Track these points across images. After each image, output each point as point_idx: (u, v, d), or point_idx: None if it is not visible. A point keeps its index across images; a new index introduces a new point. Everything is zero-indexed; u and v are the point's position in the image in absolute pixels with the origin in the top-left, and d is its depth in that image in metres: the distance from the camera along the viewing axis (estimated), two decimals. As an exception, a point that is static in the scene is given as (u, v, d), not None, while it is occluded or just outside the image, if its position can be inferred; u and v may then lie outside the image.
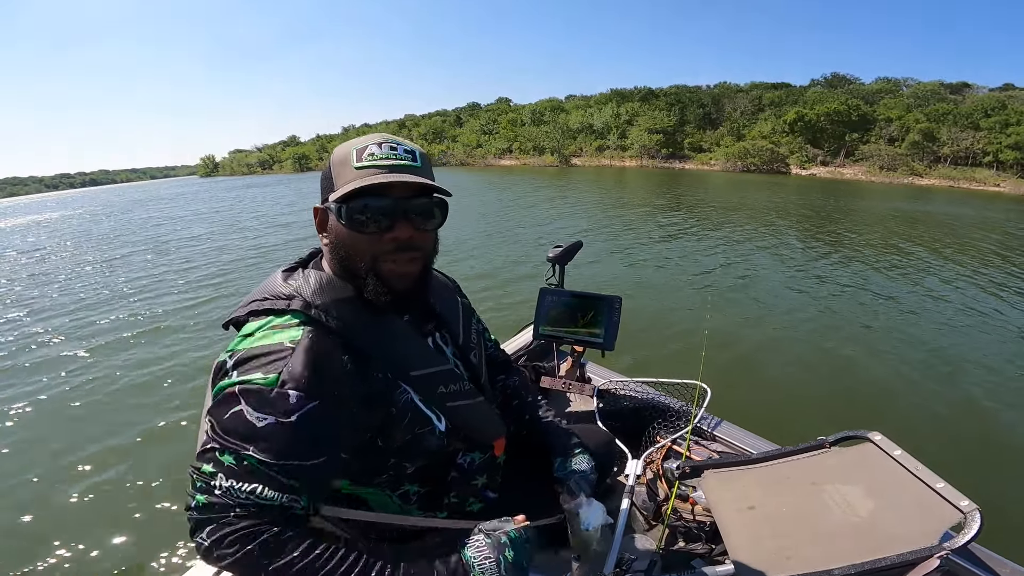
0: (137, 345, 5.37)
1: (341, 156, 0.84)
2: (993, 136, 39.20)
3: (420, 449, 0.89)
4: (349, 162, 0.82)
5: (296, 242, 11.44)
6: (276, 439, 0.70)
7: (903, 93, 51.57)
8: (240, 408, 0.71)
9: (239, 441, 0.70)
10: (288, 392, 0.72)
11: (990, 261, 9.26)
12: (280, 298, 0.81)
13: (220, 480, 0.69)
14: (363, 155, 0.81)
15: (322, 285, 0.83)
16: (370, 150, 0.82)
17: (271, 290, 0.84)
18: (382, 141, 0.83)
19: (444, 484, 0.99)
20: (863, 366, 4.47)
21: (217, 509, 0.69)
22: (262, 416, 0.70)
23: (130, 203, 32.70)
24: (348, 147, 0.84)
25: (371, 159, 0.81)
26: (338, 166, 0.83)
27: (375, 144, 0.83)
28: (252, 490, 0.69)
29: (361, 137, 0.84)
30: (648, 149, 51.20)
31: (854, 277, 7.70)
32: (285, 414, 0.71)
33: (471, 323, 1.09)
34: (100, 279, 8.80)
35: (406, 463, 0.90)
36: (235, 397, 0.72)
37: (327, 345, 0.77)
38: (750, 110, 54.25)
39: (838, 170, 43.39)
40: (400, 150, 0.83)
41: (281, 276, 0.87)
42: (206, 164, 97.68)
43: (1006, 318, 5.90)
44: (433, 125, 76.81)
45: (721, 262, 8.48)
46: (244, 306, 0.85)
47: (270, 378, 0.72)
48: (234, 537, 0.67)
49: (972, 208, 20.91)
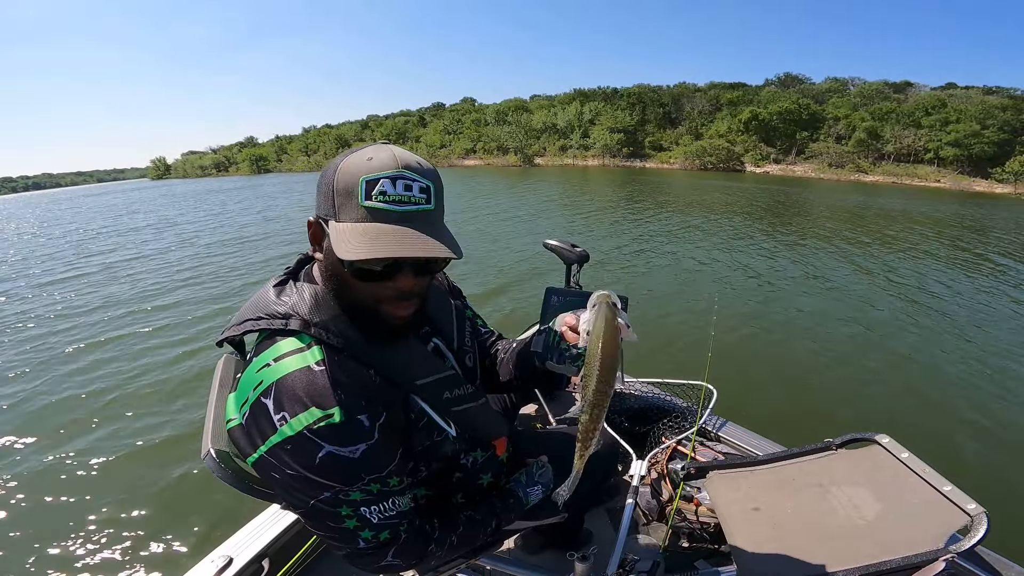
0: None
1: (347, 183, 0.72)
2: (934, 134, 41.27)
3: (438, 454, 0.92)
4: (355, 194, 0.71)
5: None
6: (374, 461, 0.76)
7: (850, 92, 53.74)
8: (326, 450, 0.72)
9: (349, 477, 0.75)
10: (357, 418, 0.74)
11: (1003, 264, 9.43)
12: (276, 317, 0.78)
13: (366, 513, 0.78)
14: (373, 192, 0.71)
15: (317, 301, 0.79)
16: (382, 186, 0.71)
17: (264, 307, 0.79)
18: (396, 176, 0.72)
19: (451, 486, 1.01)
20: (871, 368, 4.51)
21: (384, 536, 0.80)
22: (354, 448, 0.74)
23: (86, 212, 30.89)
24: (356, 171, 0.72)
25: (382, 200, 0.71)
26: (343, 194, 0.72)
27: (388, 179, 0.71)
28: (394, 504, 0.80)
29: (370, 152, 0.74)
30: (610, 148, 51.85)
31: (857, 277, 7.80)
32: (366, 438, 0.75)
33: (464, 326, 1.08)
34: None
35: (422, 467, 0.92)
36: (310, 442, 0.71)
37: (349, 362, 0.77)
38: (708, 109, 55.61)
39: (789, 168, 44.98)
40: (415, 189, 0.73)
41: (273, 291, 0.82)
42: (157, 166, 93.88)
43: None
44: (396, 126, 75.75)
45: (725, 263, 8.54)
46: (237, 324, 0.80)
47: (333, 412, 0.72)
48: (412, 546, 0.84)
49: (955, 207, 21.68)
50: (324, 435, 0.71)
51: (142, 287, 8.10)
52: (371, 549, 0.80)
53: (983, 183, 37.31)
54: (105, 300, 7.41)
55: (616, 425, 1.96)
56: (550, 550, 1.60)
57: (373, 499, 0.77)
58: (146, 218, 19.59)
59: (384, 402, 0.80)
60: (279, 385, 0.73)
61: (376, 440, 0.76)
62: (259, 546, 1.46)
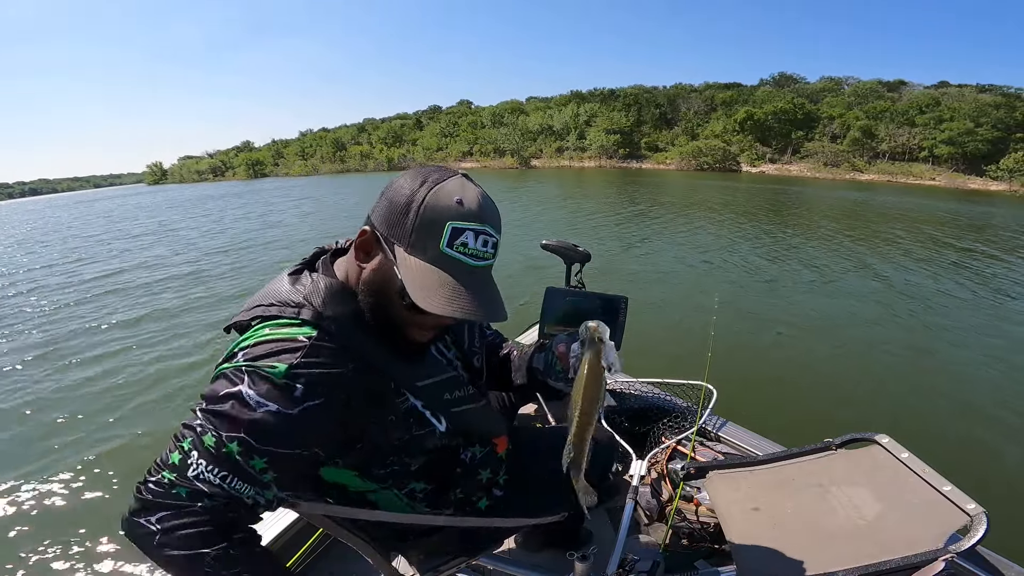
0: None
1: (432, 221, 0.73)
2: (928, 132, 41.41)
3: (419, 448, 0.90)
4: (439, 236, 0.73)
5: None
6: (269, 429, 0.69)
7: (845, 91, 53.93)
8: (239, 389, 0.69)
9: (228, 424, 0.68)
10: (296, 385, 0.71)
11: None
12: (289, 305, 0.78)
13: (194, 459, 0.67)
14: (456, 242, 0.73)
15: (332, 294, 0.80)
16: (466, 238, 0.73)
17: (278, 295, 0.80)
18: (480, 231, 0.74)
19: (450, 480, 1.01)
20: (871, 368, 4.51)
21: (179, 496, 0.67)
22: (263, 403, 0.69)
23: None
24: (445, 212, 0.73)
25: (462, 252, 0.74)
26: (425, 229, 0.73)
27: (472, 232, 0.74)
28: (224, 477, 0.68)
29: (457, 191, 0.75)
30: (606, 149, 51.94)
31: (857, 276, 7.79)
32: (289, 406, 0.70)
33: (475, 328, 1.09)
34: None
35: (407, 459, 0.91)
36: (239, 378, 0.70)
37: (334, 348, 0.76)
38: (703, 110, 55.74)
39: (785, 167, 45.06)
40: (489, 245, 0.76)
41: (288, 280, 0.82)
42: (154, 171, 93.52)
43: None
44: (393, 129, 75.69)
45: (725, 262, 8.54)
46: (248, 310, 0.80)
47: (280, 368, 0.71)
48: (191, 532, 0.66)
49: (952, 204, 21.68)
50: (254, 378, 0.70)
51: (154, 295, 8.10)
52: (154, 500, 0.67)
53: (978, 180, 37.42)
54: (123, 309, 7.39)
55: (616, 425, 1.96)
56: (550, 550, 1.61)
57: (216, 457, 0.67)
58: (147, 224, 19.52)
59: (353, 398, 0.78)
60: (259, 338, 0.75)
61: (294, 415, 0.71)
62: (258, 546, 1.45)
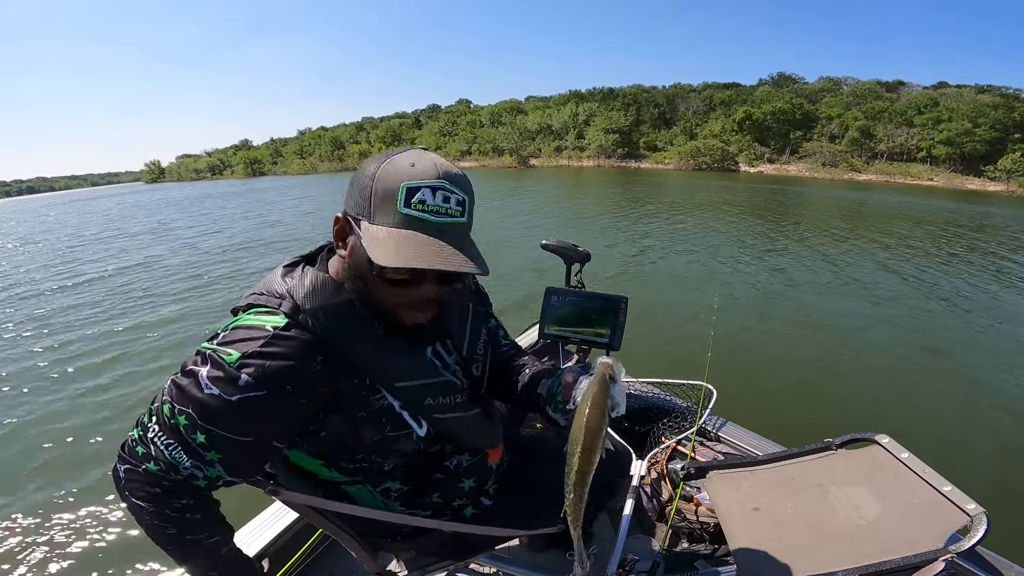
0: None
1: (387, 186, 0.74)
2: (926, 132, 41.47)
3: (392, 450, 0.89)
4: (395, 199, 0.73)
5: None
6: (212, 410, 0.74)
7: (843, 92, 53.99)
8: (198, 370, 0.74)
9: (181, 398, 0.74)
10: (240, 375, 0.73)
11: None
12: (273, 296, 0.81)
13: (153, 423, 0.76)
14: (413, 200, 0.73)
15: (316, 288, 0.81)
16: (422, 195, 0.73)
17: (268, 286, 0.83)
18: (437, 186, 0.74)
19: (428, 484, 1.00)
20: (871, 368, 4.52)
21: (136, 454, 0.77)
22: (210, 385, 0.73)
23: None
24: (398, 176, 0.74)
25: (421, 208, 0.74)
26: (381, 197, 0.74)
27: (429, 188, 0.74)
28: (168, 445, 0.75)
29: (412, 157, 0.76)
30: (605, 149, 51.90)
31: (857, 276, 7.83)
32: (230, 392, 0.73)
33: (479, 333, 1.06)
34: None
35: (379, 459, 0.90)
36: (203, 359, 0.75)
37: (302, 340, 0.77)
38: (702, 110, 55.72)
39: (783, 167, 45.11)
40: (452, 201, 0.76)
41: (281, 271, 0.85)
42: (151, 170, 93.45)
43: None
44: (392, 128, 75.55)
45: (725, 262, 8.56)
46: (246, 298, 0.85)
47: (234, 355, 0.74)
48: (138, 488, 0.77)
49: (951, 204, 21.82)
50: (212, 361, 0.74)
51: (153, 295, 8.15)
52: (123, 453, 0.79)
53: (976, 181, 37.54)
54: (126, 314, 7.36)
55: (616, 425, 1.96)
56: (550, 550, 1.60)
57: (167, 426, 0.75)
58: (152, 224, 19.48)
59: (314, 394, 0.79)
60: (237, 323, 0.80)
61: (233, 403, 0.73)
62: (259, 546, 1.45)
